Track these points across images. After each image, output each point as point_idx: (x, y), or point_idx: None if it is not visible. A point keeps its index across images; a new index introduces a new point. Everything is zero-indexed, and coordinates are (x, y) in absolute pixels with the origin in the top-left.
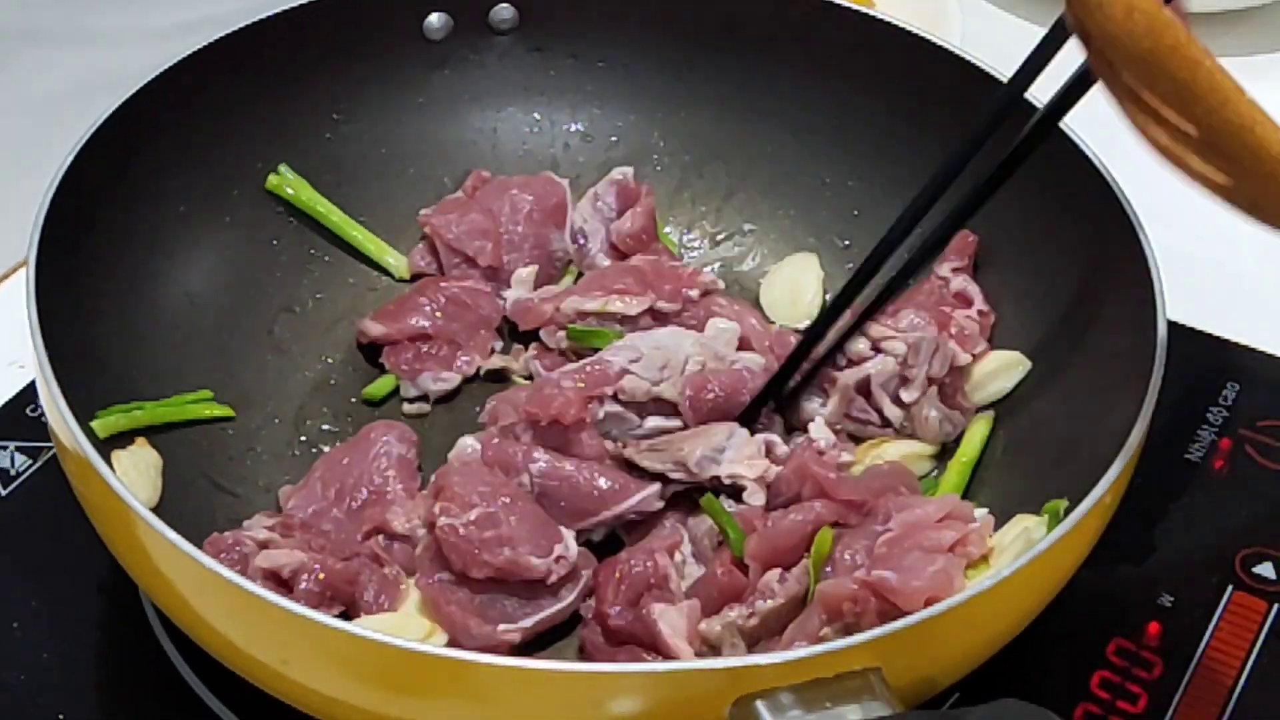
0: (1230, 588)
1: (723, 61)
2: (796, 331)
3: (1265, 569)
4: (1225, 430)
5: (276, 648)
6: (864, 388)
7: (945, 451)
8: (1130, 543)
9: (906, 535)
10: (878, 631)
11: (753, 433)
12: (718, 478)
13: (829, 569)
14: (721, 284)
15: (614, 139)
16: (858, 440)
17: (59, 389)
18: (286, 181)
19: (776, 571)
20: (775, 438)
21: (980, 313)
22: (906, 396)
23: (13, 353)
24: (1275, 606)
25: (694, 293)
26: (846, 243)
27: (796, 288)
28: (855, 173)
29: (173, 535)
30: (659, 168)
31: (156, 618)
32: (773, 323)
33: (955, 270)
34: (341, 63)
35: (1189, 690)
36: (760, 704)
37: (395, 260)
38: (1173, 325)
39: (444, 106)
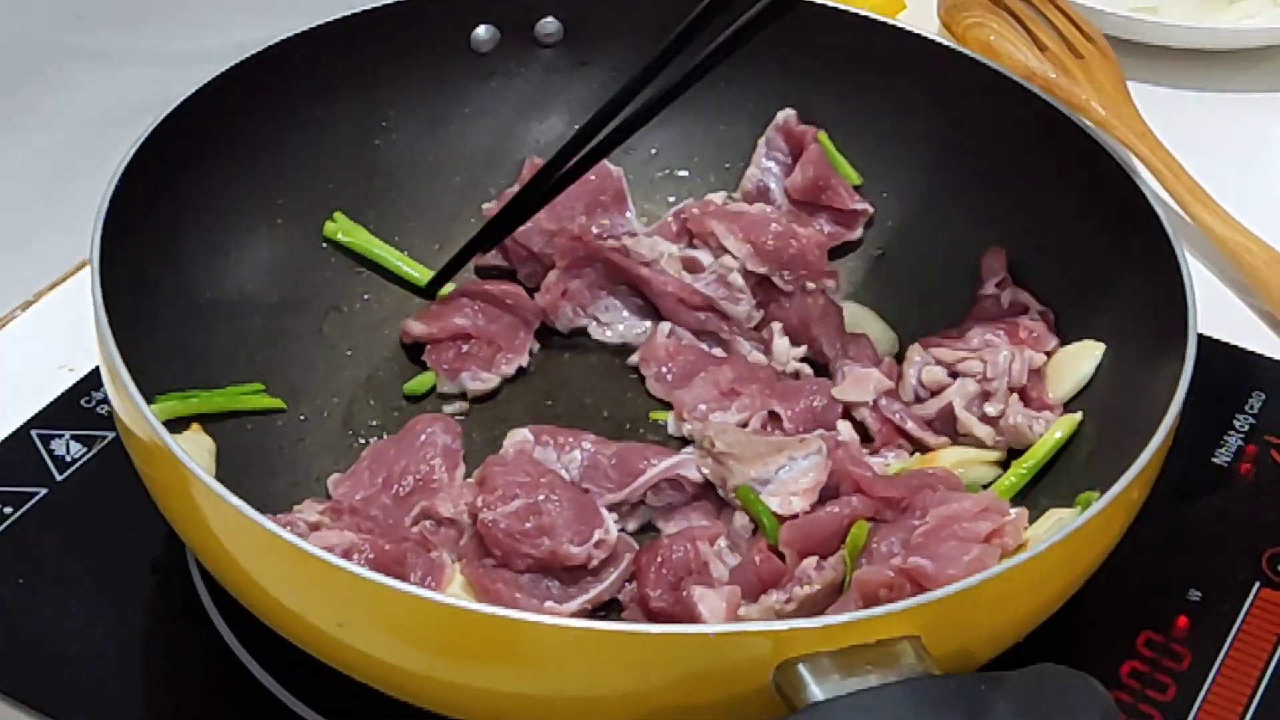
0: (1257, 584)
1: (764, 78)
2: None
3: None
4: (1251, 437)
5: (333, 610)
6: (948, 413)
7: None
8: (1160, 541)
9: (942, 527)
10: (915, 600)
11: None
12: None
13: (864, 560)
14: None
15: (653, 151)
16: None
17: (124, 366)
18: (342, 228)
19: (814, 559)
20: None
21: (1040, 313)
22: (992, 410)
23: (63, 357)
24: None
25: None
26: (879, 251)
27: None
28: (890, 184)
29: (235, 500)
30: (697, 180)
31: (208, 594)
32: None
33: (998, 285)
34: (390, 72)
35: (1217, 681)
36: (803, 667)
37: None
38: (1203, 338)
39: (490, 117)
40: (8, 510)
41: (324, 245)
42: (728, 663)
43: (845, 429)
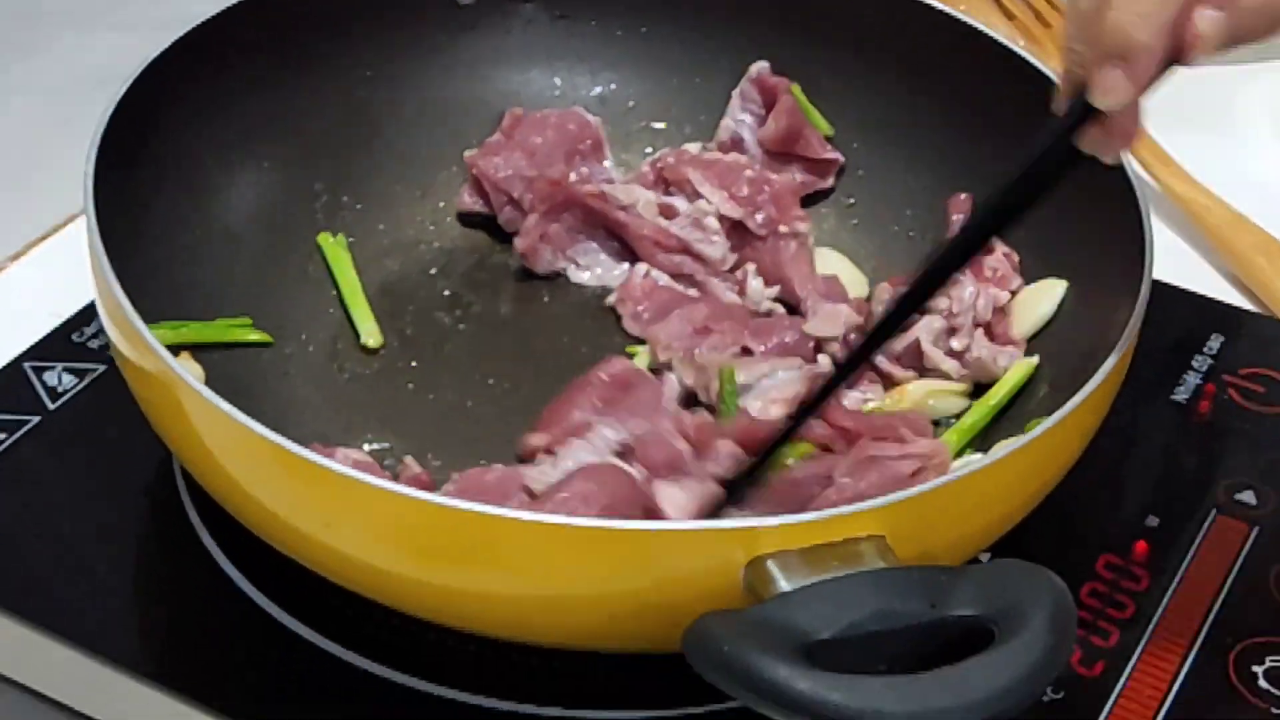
0: (1214, 511)
1: (739, 32)
2: None
3: (1247, 496)
4: (1210, 376)
5: (320, 511)
6: (914, 349)
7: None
8: (1120, 472)
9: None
10: (880, 501)
11: None
12: None
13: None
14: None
15: (631, 104)
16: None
17: (119, 285)
18: (328, 246)
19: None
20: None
21: (1005, 254)
22: (957, 344)
23: (53, 305)
24: (1255, 529)
25: None
26: (851, 200)
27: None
28: (861, 136)
29: (225, 405)
30: (673, 131)
31: (197, 515)
32: None
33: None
34: (372, 24)
35: (1174, 600)
36: (771, 563)
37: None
38: (1165, 286)
39: (470, 69)
40: (1, 436)
41: (313, 188)
42: (700, 560)
43: (825, 361)
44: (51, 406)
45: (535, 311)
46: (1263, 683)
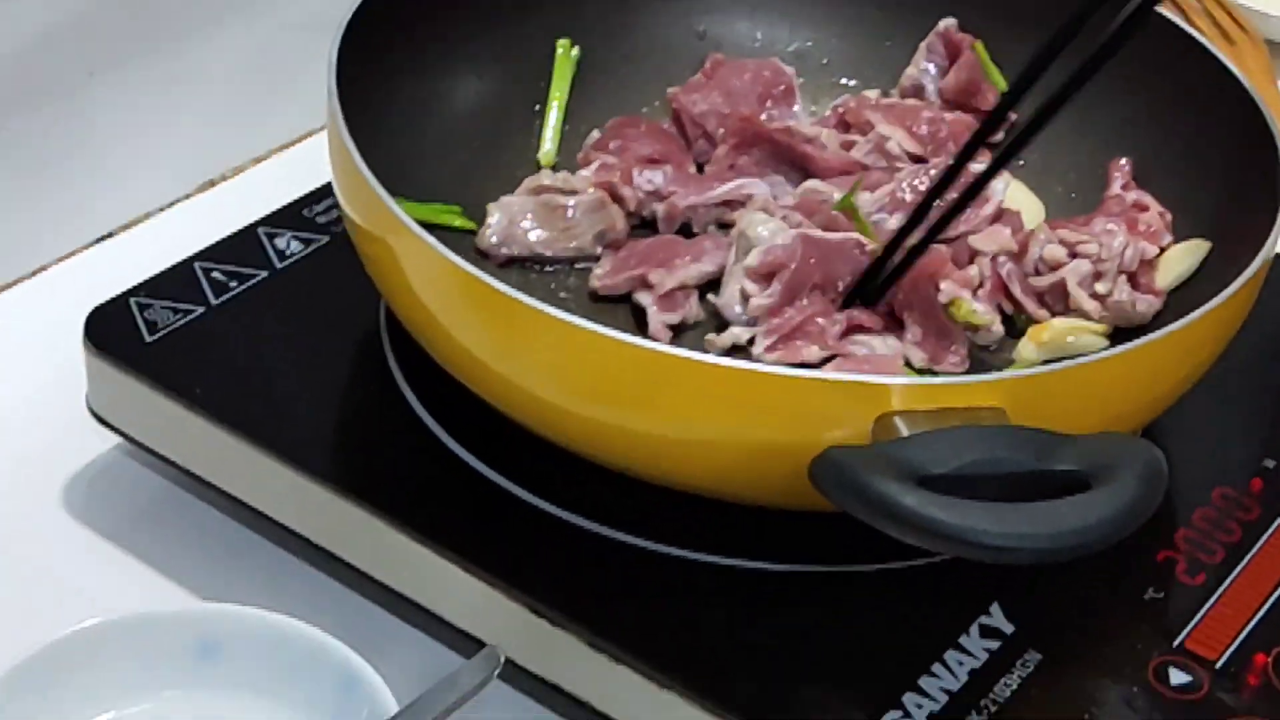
0: None
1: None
2: None
3: None
4: None
5: (499, 339)
6: (1060, 289)
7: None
8: (1243, 412)
9: None
10: (1006, 374)
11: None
12: None
13: None
14: None
15: (824, 61)
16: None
17: (354, 147)
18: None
19: None
20: None
21: (1160, 213)
22: (1102, 288)
23: (288, 190)
24: None
25: None
26: (1020, 161)
27: None
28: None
29: (432, 239)
30: (861, 90)
31: (395, 361)
32: None
33: (1124, 188)
34: None
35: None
36: (899, 419)
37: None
38: None
39: (681, 17)
40: (233, 285)
41: (529, 104)
42: (835, 408)
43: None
44: (279, 266)
45: None
46: None
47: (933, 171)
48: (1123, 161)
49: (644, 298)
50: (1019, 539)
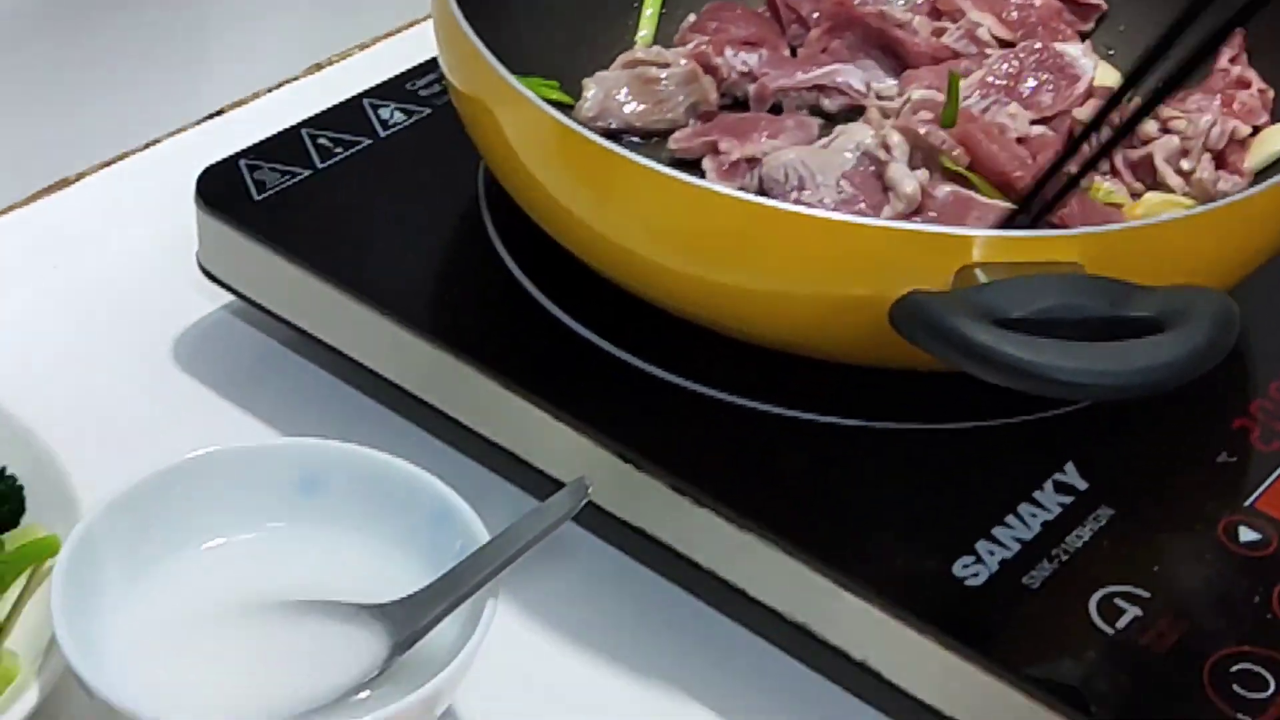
0: None
1: None
2: None
3: None
4: None
5: (592, 190)
6: (1148, 163)
7: None
8: None
9: None
10: (1084, 229)
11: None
12: None
13: None
14: None
15: None
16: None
17: (463, 17)
18: None
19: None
20: None
21: (1260, 90)
22: (1186, 165)
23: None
24: None
25: None
26: (1110, 50)
27: None
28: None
29: (531, 95)
30: None
31: (490, 220)
32: None
33: (1232, 60)
34: None
35: None
36: (979, 270)
37: None
38: None
39: None
40: (338, 151)
41: None
42: (920, 259)
43: None
44: (382, 134)
45: None
46: None
47: (1022, 55)
48: (1237, 33)
49: (708, 163)
50: (1091, 375)
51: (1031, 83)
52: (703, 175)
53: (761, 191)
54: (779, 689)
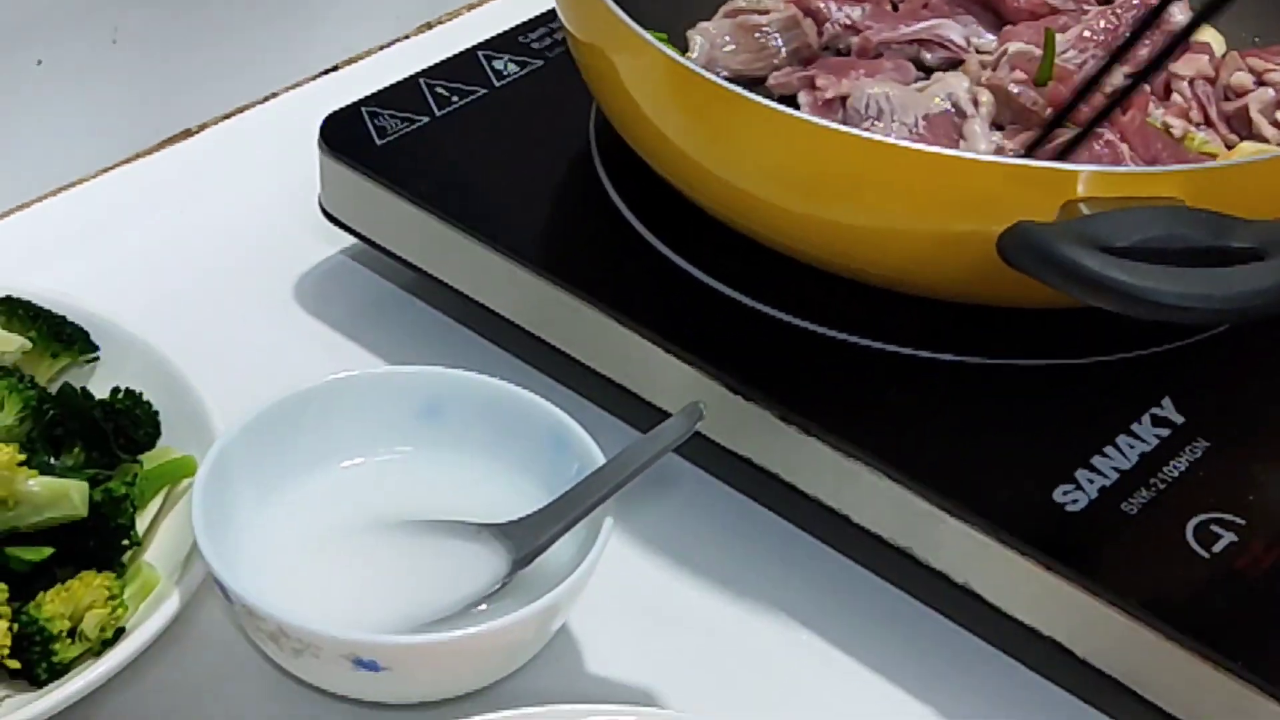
0: None
1: None
2: None
3: None
4: None
5: (705, 129)
6: (1244, 114)
7: None
8: None
9: None
10: (1188, 165)
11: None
12: None
13: None
14: None
15: None
16: None
17: None
18: None
19: None
20: None
21: None
22: None
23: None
24: None
25: None
26: None
27: None
28: None
29: (650, 38)
30: None
31: (607, 178)
32: None
33: None
34: None
35: None
36: (1083, 205)
37: None
38: None
39: None
40: (455, 99)
41: None
42: (1026, 195)
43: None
44: (496, 84)
45: None
46: None
47: (1119, 11)
48: None
49: (804, 98)
50: (1194, 298)
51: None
52: None
53: (846, 124)
54: (879, 616)
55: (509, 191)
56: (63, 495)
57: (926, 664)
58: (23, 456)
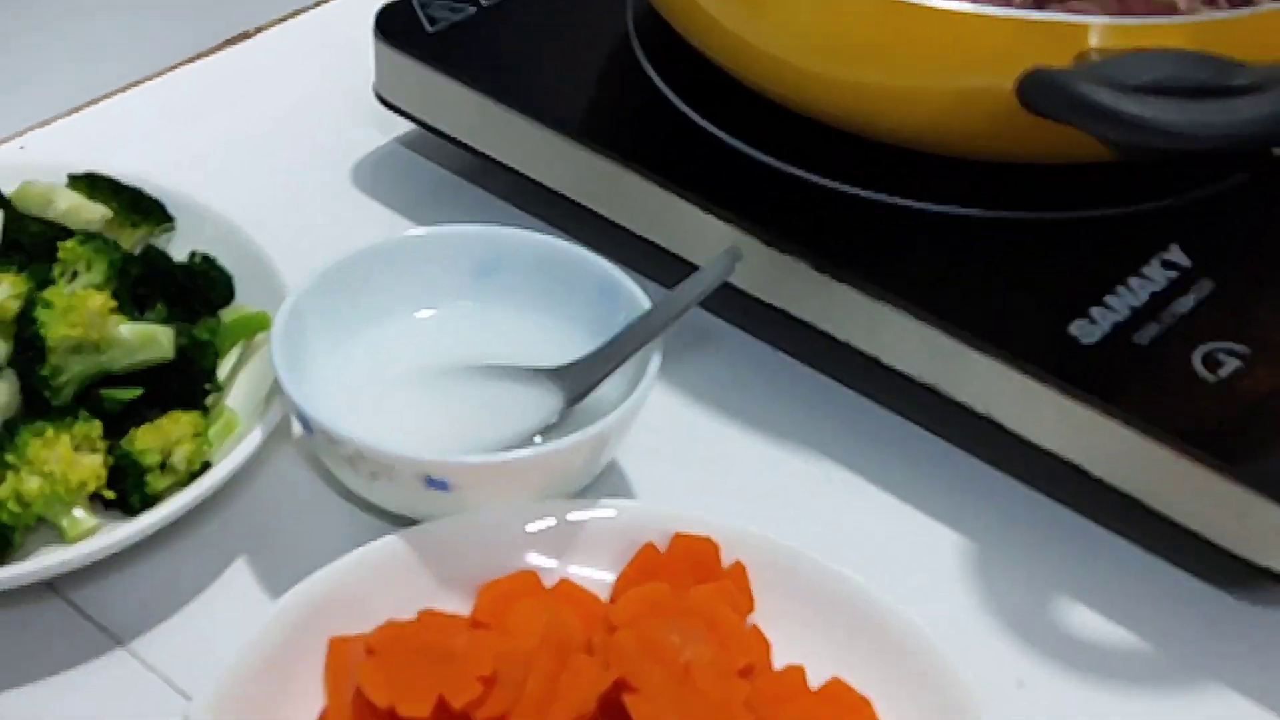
0: None
1: None
2: None
3: None
4: None
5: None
6: None
7: None
8: None
9: None
10: (1198, 16)
11: None
12: None
13: None
14: None
15: None
16: None
17: None
18: None
19: None
20: None
21: None
22: None
23: None
24: None
25: None
26: None
27: None
28: None
29: None
30: None
31: (645, 58)
32: None
33: None
34: None
35: None
36: (1095, 55)
37: None
38: None
39: None
40: None
41: None
42: (1039, 47)
43: None
44: None
45: None
46: None
47: None
48: None
49: None
50: (1201, 126)
51: None
52: None
53: None
54: (905, 452)
55: (552, 71)
56: (151, 340)
57: (948, 491)
58: (114, 303)
